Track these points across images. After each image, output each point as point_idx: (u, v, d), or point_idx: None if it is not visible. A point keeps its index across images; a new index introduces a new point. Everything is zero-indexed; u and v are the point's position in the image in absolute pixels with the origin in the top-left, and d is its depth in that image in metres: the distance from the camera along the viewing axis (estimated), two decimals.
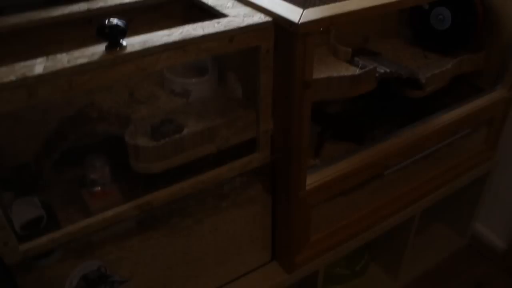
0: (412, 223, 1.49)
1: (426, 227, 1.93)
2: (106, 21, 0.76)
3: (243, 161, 1.02)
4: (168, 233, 1.03)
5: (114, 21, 0.76)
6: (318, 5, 0.95)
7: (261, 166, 1.07)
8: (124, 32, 0.76)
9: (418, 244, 1.83)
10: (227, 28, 0.84)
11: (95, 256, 0.98)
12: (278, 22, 0.88)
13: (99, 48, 0.77)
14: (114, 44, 0.76)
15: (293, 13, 0.87)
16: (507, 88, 1.45)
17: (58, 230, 0.89)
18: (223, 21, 0.87)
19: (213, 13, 0.97)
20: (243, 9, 0.93)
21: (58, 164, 1.10)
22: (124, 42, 0.78)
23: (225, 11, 0.93)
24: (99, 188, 1.01)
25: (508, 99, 1.47)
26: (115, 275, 1.01)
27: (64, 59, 0.74)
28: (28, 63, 0.74)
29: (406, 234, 1.54)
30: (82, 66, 0.74)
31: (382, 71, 1.22)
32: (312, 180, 1.10)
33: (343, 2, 0.95)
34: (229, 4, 0.97)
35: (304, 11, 0.87)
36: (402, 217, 1.42)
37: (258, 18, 0.88)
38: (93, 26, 1.03)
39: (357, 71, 1.18)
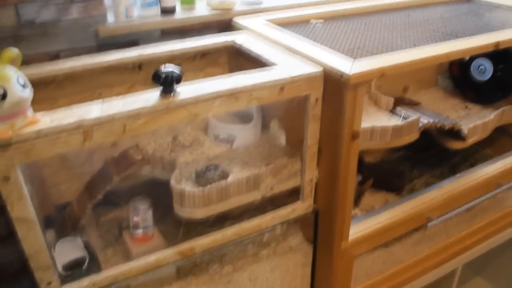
0: (453, 277, 1.44)
1: (464, 282, 1.85)
2: (162, 67, 0.77)
3: (287, 210, 1.01)
4: (207, 280, 1.02)
5: (170, 67, 0.78)
6: (365, 55, 0.96)
7: (304, 215, 1.06)
8: (179, 78, 0.78)
9: None
10: (278, 77, 0.85)
11: None
12: (328, 72, 0.88)
13: (154, 94, 0.79)
14: (168, 90, 0.78)
15: (343, 64, 0.87)
16: None
17: (99, 272, 0.88)
18: (273, 70, 0.88)
19: (261, 62, 0.98)
20: (292, 59, 0.95)
21: (100, 205, 1.11)
22: (178, 89, 0.79)
23: (273, 60, 0.95)
24: (141, 232, 1.01)
25: None
26: None
27: (120, 103, 0.76)
28: (85, 106, 0.75)
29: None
30: (137, 110, 0.75)
31: (425, 121, 1.21)
32: (354, 230, 1.08)
33: (391, 53, 0.95)
34: (278, 54, 0.98)
35: (354, 62, 0.88)
36: (444, 270, 1.38)
37: (308, 68, 0.89)
38: (143, 72, 1.06)
39: (399, 121, 1.18)
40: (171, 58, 1.08)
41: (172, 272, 1.01)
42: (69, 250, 0.97)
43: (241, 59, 1.12)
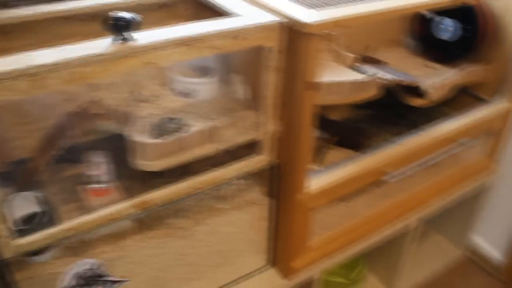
0: (410, 232, 1.48)
1: (423, 238, 1.92)
2: (114, 13, 0.75)
3: (245, 163, 1.01)
4: (165, 234, 1.02)
5: (122, 14, 0.76)
6: (326, 6, 0.95)
7: (262, 168, 1.06)
8: (133, 24, 0.76)
9: (415, 255, 1.82)
10: (236, 26, 0.83)
11: (90, 254, 0.97)
12: (287, 22, 0.87)
13: (106, 41, 0.77)
14: (121, 36, 0.76)
15: (302, 14, 0.87)
16: (508, 99, 1.45)
17: (54, 226, 0.87)
18: (232, 19, 0.87)
19: (222, 12, 0.97)
20: (252, 9, 0.93)
21: (58, 161, 1.09)
22: (132, 36, 0.77)
23: (234, 11, 0.93)
24: (98, 185, 1.00)
25: (509, 110, 1.48)
26: (110, 275, 0.99)
27: (71, 50, 0.74)
28: (32, 53, 0.73)
29: (404, 243, 1.53)
30: (88, 57, 0.73)
31: (384, 77, 1.22)
32: (313, 184, 1.09)
33: (351, 6, 0.95)
34: (238, 4, 0.97)
35: (312, 12, 0.87)
36: (401, 225, 1.42)
37: (267, 17, 0.88)
38: (99, 23, 1.03)
39: (359, 77, 1.18)
40: (130, 9, 1.05)
41: (131, 225, 1.01)
42: (23, 205, 0.95)
43: (202, 11, 1.10)
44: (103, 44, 0.76)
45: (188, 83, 1.06)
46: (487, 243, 1.87)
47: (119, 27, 0.76)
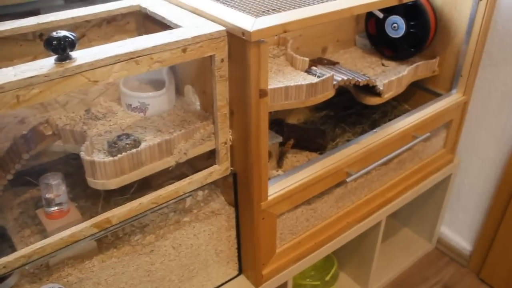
0: (378, 229, 1.50)
1: (393, 234, 1.94)
2: (54, 33, 0.74)
3: (203, 174, 1.01)
4: (129, 251, 1.00)
5: (63, 33, 0.74)
6: (269, 13, 0.96)
7: (223, 178, 1.06)
8: (73, 43, 0.74)
9: (386, 251, 1.84)
10: (180, 38, 0.83)
11: (55, 278, 0.94)
12: (231, 31, 0.88)
13: (49, 61, 0.75)
14: (63, 56, 0.74)
15: (246, 22, 0.87)
16: (462, 91, 1.49)
17: (12, 253, 0.85)
18: (176, 31, 0.87)
19: (166, 25, 0.96)
20: (197, 20, 0.93)
21: (13, 185, 1.07)
22: (74, 54, 0.76)
23: (178, 22, 0.93)
24: (56, 208, 0.98)
25: (464, 102, 1.51)
26: None
27: (11, 73, 0.72)
28: None
29: (373, 241, 1.54)
30: (30, 79, 0.71)
31: (339, 78, 1.23)
32: (274, 190, 1.09)
33: (296, 10, 0.95)
34: (182, 15, 0.96)
35: (257, 19, 0.88)
36: (368, 223, 1.43)
37: (211, 27, 0.88)
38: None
39: (314, 80, 1.19)
40: (75, 26, 1.04)
41: (93, 246, 0.99)
42: None
43: (150, 25, 1.09)
44: (46, 65, 0.74)
45: (142, 98, 1.05)
46: (456, 234, 1.90)
47: (62, 47, 0.74)
